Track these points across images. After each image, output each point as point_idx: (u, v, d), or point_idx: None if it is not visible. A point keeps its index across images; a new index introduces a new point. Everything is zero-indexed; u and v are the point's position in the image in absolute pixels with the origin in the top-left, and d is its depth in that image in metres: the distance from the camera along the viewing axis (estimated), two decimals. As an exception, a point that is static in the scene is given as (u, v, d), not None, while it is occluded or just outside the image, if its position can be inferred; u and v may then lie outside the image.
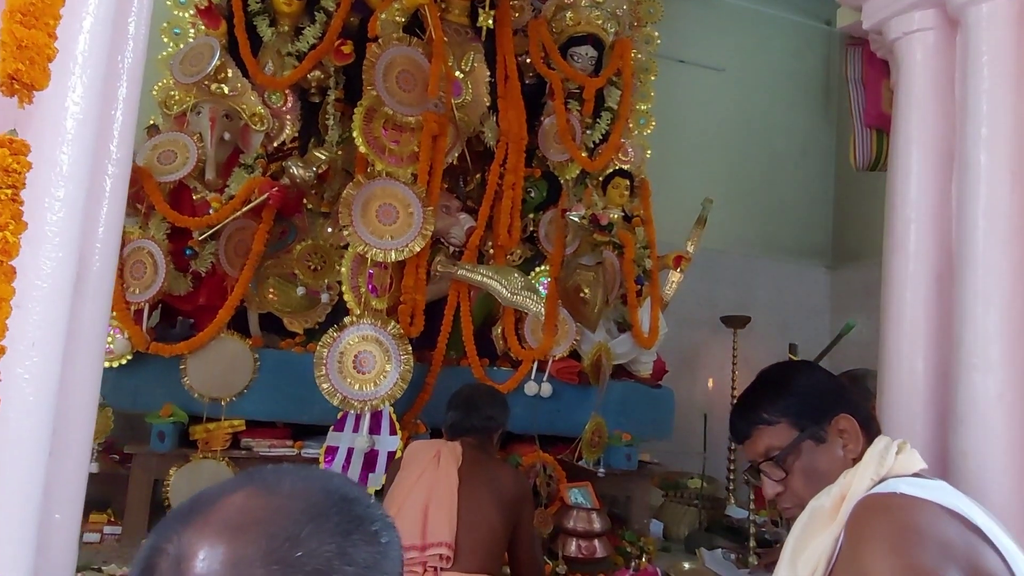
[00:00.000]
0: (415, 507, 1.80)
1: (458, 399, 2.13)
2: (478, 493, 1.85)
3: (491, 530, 1.82)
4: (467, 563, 1.75)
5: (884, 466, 1.15)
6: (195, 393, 2.79)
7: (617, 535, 3.19)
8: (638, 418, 3.41)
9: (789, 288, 5.38)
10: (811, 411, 1.25)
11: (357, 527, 0.55)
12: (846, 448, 1.22)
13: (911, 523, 1.02)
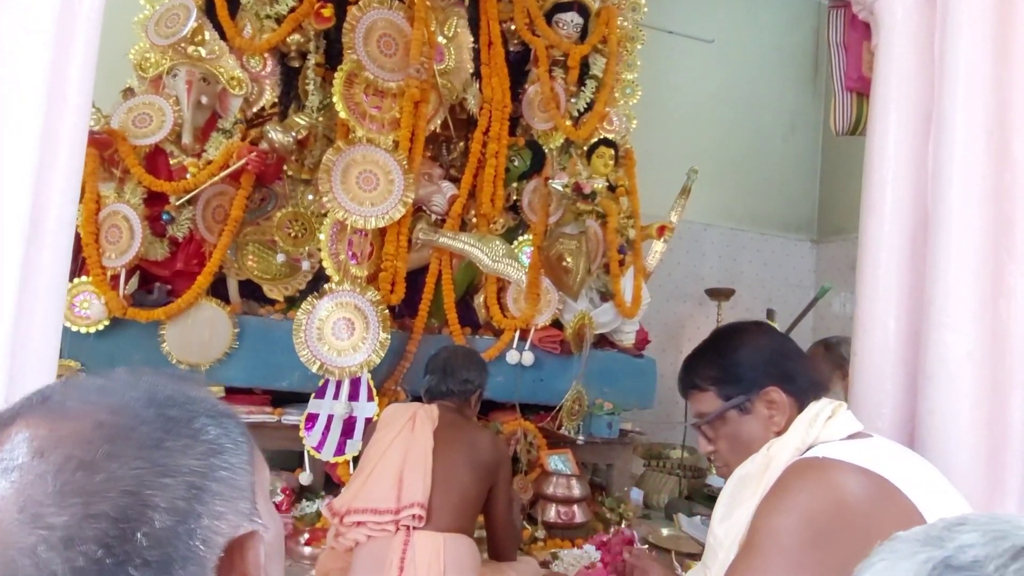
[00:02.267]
0: (390, 470, 1.81)
1: (436, 362, 2.13)
2: (453, 455, 1.85)
3: (465, 491, 1.83)
4: (440, 523, 1.75)
5: (810, 434, 1.16)
6: (173, 359, 2.77)
7: (597, 502, 3.22)
8: (620, 387, 3.42)
9: (775, 261, 5.41)
10: (739, 382, 1.25)
11: (170, 432, 0.48)
12: (771, 420, 1.22)
13: (806, 482, 1.05)
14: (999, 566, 0.55)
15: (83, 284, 2.65)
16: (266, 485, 0.55)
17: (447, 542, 1.72)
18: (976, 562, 0.56)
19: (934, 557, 0.58)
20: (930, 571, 0.57)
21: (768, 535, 1.04)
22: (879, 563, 0.63)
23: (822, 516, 1.02)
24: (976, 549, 0.57)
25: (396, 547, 1.71)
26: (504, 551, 2.05)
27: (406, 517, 1.73)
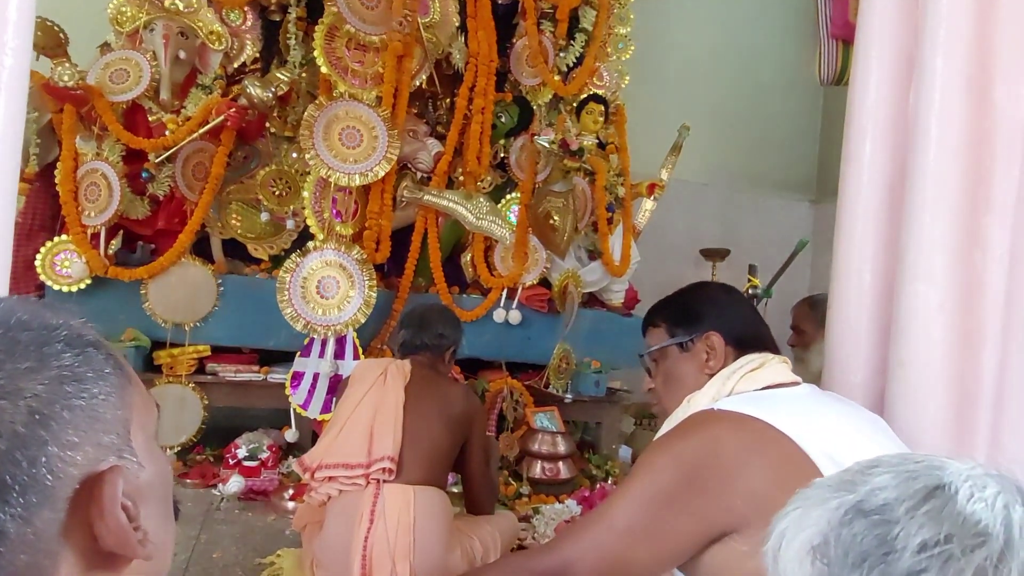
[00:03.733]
0: (361, 425, 1.81)
1: (411, 317, 2.11)
2: (424, 409, 1.85)
3: (436, 445, 1.83)
4: (410, 476, 1.75)
5: (726, 386, 1.19)
6: (157, 318, 2.78)
7: (585, 459, 3.24)
8: (608, 346, 3.42)
9: (773, 222, 5.34)
10: (685, 320, 1.30)
11: (13, 354, 0.45)
12: (706, 363, 1.26)
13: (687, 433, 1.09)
14: (909, 508, 0.54)
15: (63, 243, 2.64)
16: (149, 425, 0.53)
17: (417, 495, 1.73)
18: (886, 505, 0.55)
19: (846, 502, 0.57)
20: (841, 517, 0.56)
21: (643, 466, 1.10)
22: (794, 511, 0.62)
23: (696, 463, 1.04)
24: (887, 492, 0.56)
25: (367, 500, 1.71)
26: (481, 505, 2.07)
27: (376, 471, 1.74)
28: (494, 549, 1.93)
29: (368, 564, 1.67)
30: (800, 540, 0.59)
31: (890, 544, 0.53)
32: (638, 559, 1.04)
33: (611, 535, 1.05)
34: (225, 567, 1.95)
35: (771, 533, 0.63)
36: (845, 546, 0.55)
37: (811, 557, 0.57)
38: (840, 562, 0.54)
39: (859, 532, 0.55)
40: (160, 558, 0.51)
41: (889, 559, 0.52)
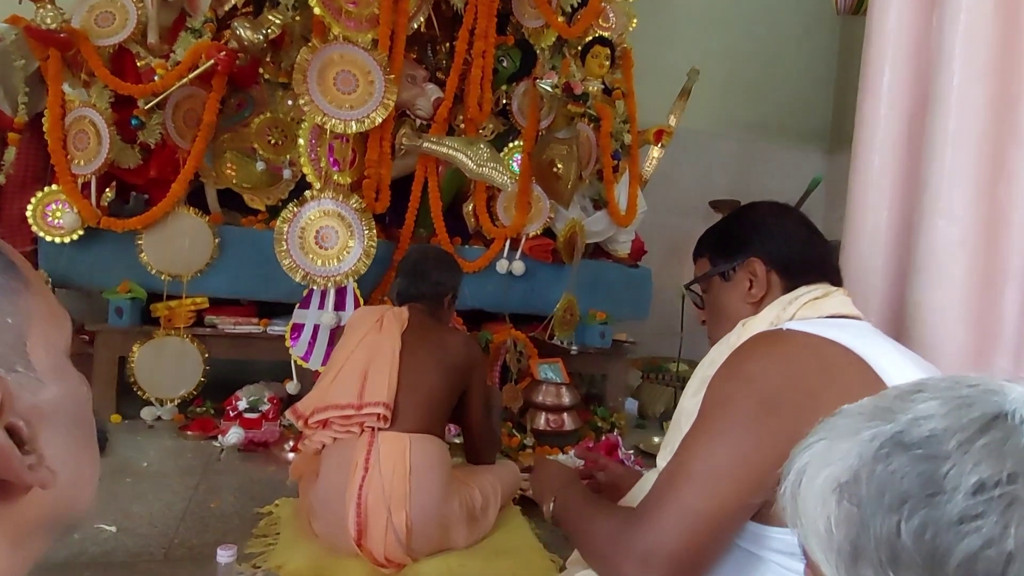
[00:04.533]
0: (354, 369, 1.76)
1: (406, 264, 2.05)
2: (421, 356, 1.80)
3: (433, 393, 1.78)
4: (406, 424, 1.71)
5: (787, 312, 1.10)
6: (153, 270, 2.73)
7: (591, 411, 3.21)
8: (614, 297, 3.36)
9: (786, 173, 5.19)
10: (727, 248, 1.23)
11: None
12: (748, 292, 1.18)
13: (759, 353, 1.00)
14: (963, 441, 0.45)
15: (54, 192, 2.58)
16: (57, 340, 0.47)
17: (413, 443, 1.69)
18: (933, 437, 0.46)
19: (882, 433, 0.48)
20: (876, 451, 0.47)
21: (716, 403, 1.00)
22: (817, 443, 0.53)
23: (770, 385, 0.95)
24: (934, 421, 0.47)
25: (361, 448, 1.68)
26: (481, 455, 2.03)
27: (369, 416, 1.69)
28: (494, 499, 1.90)
29: (363, 513, 1.63)
30: (824, 477, 0.50)
31: (938, 484, 0.44)
32: (726, 509, 0.95)
33: (693, 490, 0.96)
34: (223, 516, 1.93)
35: (789, 469, 0.55)
36: (880, 484, 0.46)
37: (837, 496, 0.49)
38: (873, 503, 0.46)
39: (898, 469, 0.46)
40: (71, 490, 0.45)
41: (936, 501, 0.43)
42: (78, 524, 0.46)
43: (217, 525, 1.87)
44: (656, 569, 0.99)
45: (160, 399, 2.76)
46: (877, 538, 0.45)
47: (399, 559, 1.66)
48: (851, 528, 0.47)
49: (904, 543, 0.44)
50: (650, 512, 1.00)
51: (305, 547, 1.72)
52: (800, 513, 0.52)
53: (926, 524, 0.43)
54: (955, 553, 0.42)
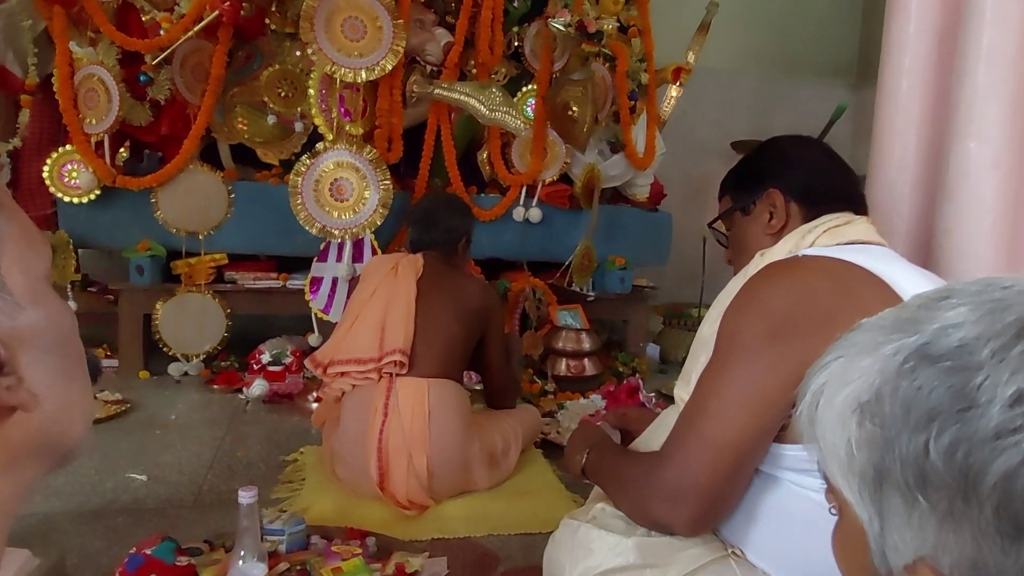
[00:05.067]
0: (372, 319, 1.76)
1: (417, 212, 2.02)
2: (437, 303, 1.79)
3: (450, 338, 1.78)
4: (424, 369, 1.72)
5: (806, 240, 1.07)
6: (170, 228, 2.74)
7: (612, 357, 3.20)
8: (633, 242, 3.31)
9: (810, 111, 5.00)
10: (746, 183, 1.20)
11: None
12: (768, 224, 1.15)
13: (770, 280, 0.98)
14: (997, 349, 0.40)
15: (69, 153, 2.58)
16: (35, 264, 0.45)
17: (431, 387, 1.69)
18: (964, 347, 0.41)
19: (906, 346, 0.44)
20: (899, 366, 0.43)
21: (729, 335, 0.99)
22: (835, 362, 0.49)
23: (781, 309, 0.94)
24: (965, 329, 0.42)
25: (380, 394, 1.69)
26: (501, 400, 2.04)
27: (388, 364, 1.70)
28: (515, 442, 1.91)
29: (384, 457, 1.65)
30: (843, 397, 0.46)
31: (970, 397, 0.40)
32: (746, 438, 0.95)
33: (711, 425, 0.96)
34: (249, 464, 1.96)
35: (805, 390, 0.51)
36: (906, 402, 0.42)
37: (857, 417, 0.45)
38: (898, 422, 0.42)
39: (925, 384, 0.42)
40: (59, 417, 0.44)
41: (969, 416, 0.39)
42: (74, 455, 0.46)
43: (244, 472, 1.91)
44: (685, 505, 0.99)
45: (186, 355, 2.80)
46: (903, 460, 0.42)
47: (421, 501, 1.68)
48: (874, 450, 0.44)
49: (933, 463, 0.40)
50: (673, 451, 1.01)
51: (329, 491, 1.75)
52: (818, 436, 0.49)
53: (958, 441, 0.40)
54: (991, 471, 0.38)
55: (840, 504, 0.51)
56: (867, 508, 0.45)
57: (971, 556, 0.40)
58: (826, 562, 0.94)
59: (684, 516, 0.99)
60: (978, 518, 0.39)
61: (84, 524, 1.58)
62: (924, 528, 0.41)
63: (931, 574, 0.41)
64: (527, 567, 1.46)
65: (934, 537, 0.41)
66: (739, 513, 1.04)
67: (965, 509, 0.39)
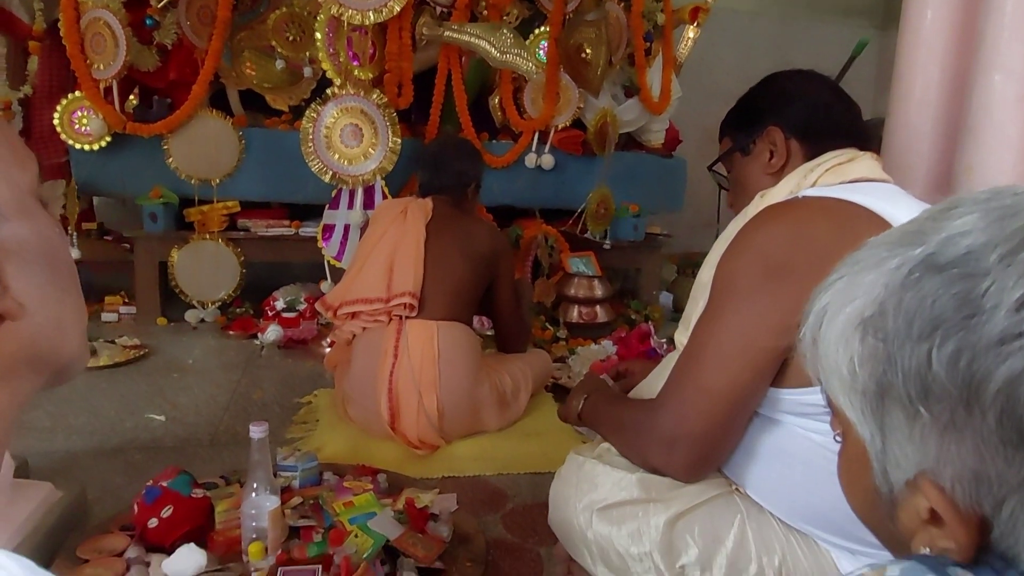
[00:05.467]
0: (380, 261, 1.77)
1: (426, 156, 2.00)
2: (446, 246, 1.80)
3: (459, 281, 1.78)
4: (433, 312, 1.73)
5: (808, 180, 1.03)
6: (182, 175, 2.74)
7: (624, 305, 3.19)
8: (647, 189, 3.26)
9: (832, 54, 4.82)
10: (745, 121, 1.17)
11: None
12: (769, 163, 1.12)
13: (766, 223, 0.96)
14: (1004, 254, 0.39)
15: (78, 99, 2.57)
16: (20, 178, 0.45)
17: (440, 329, 1.70)
18: (970, 254, 0.40)
19: (911, 258, 0.42)
20: (904, 278, 0.42)
21: (723, 280, 0.98)
22: (839, 281, 0.48)
23: (777, 253, 0.92)
24: (972, 236, 0.41)
25: (389, 336, 1.70)
26: (511, 344, 2.04)
27: (397, 306, 1.70)
28: (525, 385, 1.92)
29: (394, 398, 1.67)
30: (846, 314, 0.45)
31: (975, 304, 0.39)
32: (740, 384, 0.95)
33: (705, 371, 0.97)
34: (264, 405, 2.00)
35: (808, 312, 0.50)
36: (909, 313, 0.41)
37: (860, 332, 0.44)
38: (901, 335, 0.41)
39: (929, 293, 0.40)
40: (51, 331, 0.44)
41: (973, 323, 0.38)
42: (69, 371, 0.46)
43: (259, 414, 1.95)
44: (679, 452, 1.01)
45: (202, 302, 2.83)
46: (905, 372, 0.41)
47: (432, 441, 1.70)
48: (876, 365, 0.43)
49: (936, 373, 0.39)
50: (669, 398, 1.02)
51: (342, 432, 1.78)
52: (821, 356, 0.48)
53: (961, 349, 0.39)
54: (994, 378, 0.38)
55: (843, 427, 0.50)
56: (869, 425, 0.45)
57: (973, 467, 0.39)
58: (826, 501, 0.95)
59: (679, 463, 1.01)
60: (981, 427, 0.38)
61: (105, 461, 1.62)
62: (926, 441, 0.41)
63: (932, 488, 0.41)
64: (535, 504, 1.48)
65: (936, 450, 0.40)
66: (740, 453, 1.04)
67: (968, 418, 0.39)
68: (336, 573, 1.11)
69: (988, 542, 0.41)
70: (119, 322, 2.82)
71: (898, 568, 0.41)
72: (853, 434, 0.47)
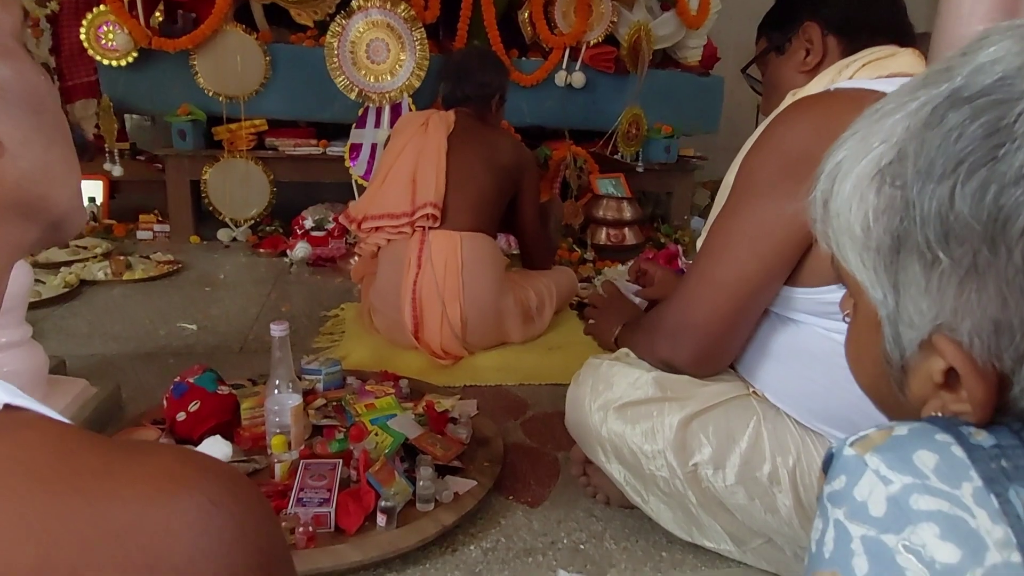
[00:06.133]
0: (403, 175, 1.76)
1: (450, 67, 1.95)
2: (469, 157, 1.77)
3: (483, 192, 1.77)
4: (456, 223, 1.72)
5: (843, 75, 0.98)
6: (210, 92, 2.72)
7: (654, 228, 3.14)
8: (682, 109, 3.16)
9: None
10: (780, 19, 1.12)
11: None
12: (804, 61, 1.08)
13: (790, 117, 0.92)
14: None
15: (103, 13, 2.55)
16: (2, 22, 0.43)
17: (464, 240, 1.70)
18: (1003, 79, 0.36)
19: (937, 95, 0.38)
20: (928, 116, 0.38)
21: (742, 177, 0.96)
22: (854, 136, 0.44)
23: (798, 147, 0.89)
24: (1005, 62, 0.36)
25: (413, 247, 1.70)
26: (536, 260, 2.03)
27: (420, 218, 1.70)
28: (550, 301, 1.92)
29: (418, 307, 1.69)
30: (862, 166, 0.42)
31: (1005, 131, 0.35)
32: (746, 277, 0.94)
33: (712, 264, 0.97)
34: (292, 318, 2.03)
35: (820, 172, 0.46)
36: (931, 153, 0.37)
37: (877, 183, 0.40)
38: (922, 177, 0.37)
39: (955, 126, 0.37)
40: (37, 177, 0.43)
41: (1003, 153, 0.35)
42: (64, 227, 0.45)
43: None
44: (685, 342, 1.01)
45: (234, 220, 2.86)
46: (924, 216, 0.38)
47: (455, 351, 1.72)
48: (893, 216, 0.40)
49: (958, 212, 0.36)
50: (677, 293, 1.03)
51: (367, 342, 1.81)
52: (832, 217, 0.44)
53: (988, 182, 0.35)
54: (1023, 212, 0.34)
55: (854, 296, 0.48)
56: (882, 284, 0.42)
57: (994, 316, 0.37)
58: (845, 401, 0.94)
59: (685, 353, 1.01)
60: (1005, 267, 0.35)
61: (139, 364, 1.68)
62: (943, 292, 0.38)
63: (948, 344, 0.38)
64: (555, 412, 1.50)
65: (953, 301, 0.38)
66: (757, 352, 1.03)
67: (991, 259, 0.36)
68: (355, 467, 1.14)
69: (1006, 402, 0.39)
70: (154, 240, 2.87)
71: (907, 427, 0.40)
72: (864, 301, 0.45)
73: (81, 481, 0.28)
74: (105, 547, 0.27)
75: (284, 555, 0.33)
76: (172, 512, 0.28)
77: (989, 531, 0.33)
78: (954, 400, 0.40)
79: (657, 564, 1.07)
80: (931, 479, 0.35)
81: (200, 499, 0.29)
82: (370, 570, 1.01)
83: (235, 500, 0.30)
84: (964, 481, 0.35)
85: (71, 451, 0.30)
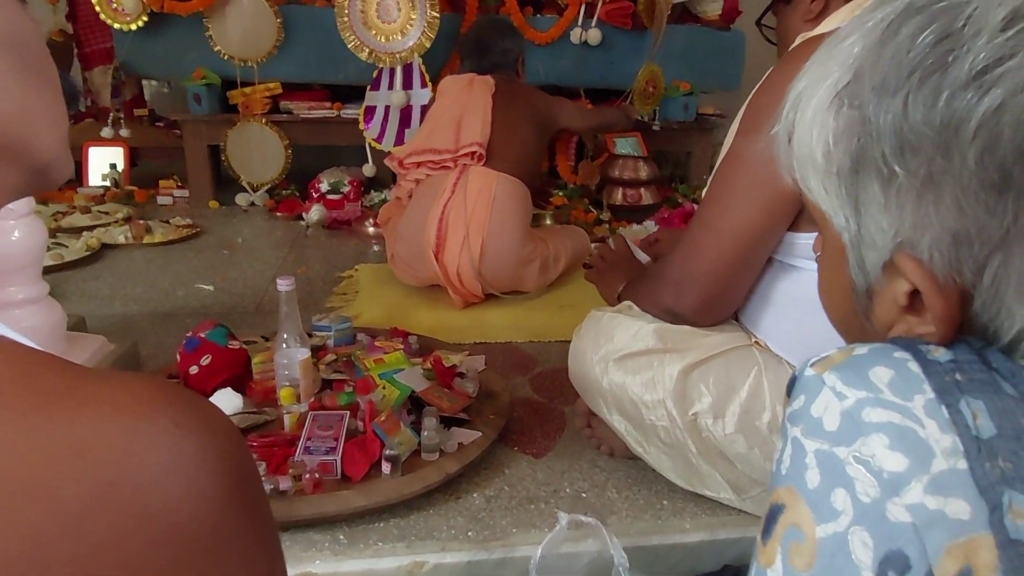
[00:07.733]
0: (448, 119, 1.86)
1: (468, 44, 2.13)
2: (514, 111, 1.89)
3: (524, 144, 1.89)
4: (497, 164, 1.81)
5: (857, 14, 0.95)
6: (224, 55, 2.73)
7: (671, 188, 3.10)
8: (701, 66, 3.09)
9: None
10: None
11: None
12: (810, 7, 1.09)
13: (796, 57, 0.90)
14: None
15: (115, -24, 2.55)
16: None
17: (500, 179, 1.78)
18: None
19: (891, 11, 0.38)
20: (884, 31, 0.38)
21: (744, 124, 0.96)
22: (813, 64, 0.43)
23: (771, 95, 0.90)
24: None
25: (451, 177, 1.79)
26: None
27: (464, 156, 1.79)
28: (564, 254, 1.96)
29: (443, 228, 1.76)
30: (822, 92, 0.41)
31: (955, 36, 0.35)
32: (748, 223, 0.93)
33: (714, 212, 0.97)
34: (308, 280, 2.06)
35: (782, 109, 0.45)
36: (884, 68, 0.37)
37: (835, 106, 0.40)
38: (876, 93, 0.37)
39: (907, 37, 0.36)
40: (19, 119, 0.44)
41: (953, 59, 0.34)
42: (50, 173, 0.46)
43: (303, 286, 2.00)
44: (687, 290, 1.01)
45: (252, 184, 2.88)
46: (880, 130, 0.37)
47: (470, 284, 1.78)
48: (851, 136, 0.39)
49: (912, 121, 0.36)
50: (681, 242, 1.02)
51: (380, 301, 1.83)
52: (795, 148, 0.44)
53: (939, 89, 0.35)
54: (974, 114, 0.34)
55: (820, 230, 0.47)
56: (843, 208, 0.42)
57: (952, 227, 0.36)
58: None
59: (687, 302, 1.01)
60: (960, 173, 0.35)
61: (157, 323, 1.72)
62: (902, 207, 0.38)
63: (909, 262, 0.38)
64: (564, 368, 1.50)
65: (912, 215, 0.37)
66: (758, 300, 1.03)
67: (946, 165, 0.35)
68: (362, 418, 1.16)
69: (969, 318, 0.39)
70: (173, 205, 2.91)
71: (868, 347, 0.40)
72: (830, 232, 0.45)
73: (43, 399, 0.29)
74: (66, 462, 0.27)
75: (254, 485, 0.33)
76: (134, 431, 0.29)
77: (937, 440, 0.33)
78: (919, 323, 0.40)
79: (658, 512, 1.08)
80: (884, 392, 0.35)
81: (164, 421, 0.29)
82: (375, 515, 1.04)
83: (201, 426, 0.31)
84: (916, 394, 0.35)
85: (36, 372, 0.30)
